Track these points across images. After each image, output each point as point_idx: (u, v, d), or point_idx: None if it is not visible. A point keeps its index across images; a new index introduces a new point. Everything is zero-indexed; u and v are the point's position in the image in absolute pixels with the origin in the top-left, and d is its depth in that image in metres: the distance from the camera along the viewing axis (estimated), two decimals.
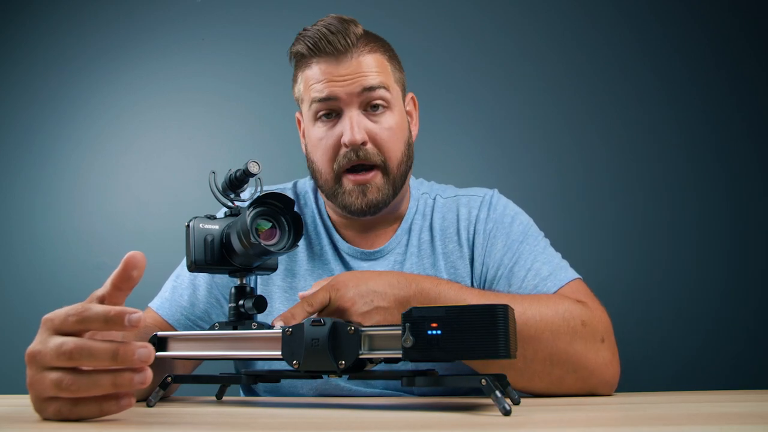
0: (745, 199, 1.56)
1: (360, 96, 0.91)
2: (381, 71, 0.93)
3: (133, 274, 0.57)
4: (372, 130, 0.92)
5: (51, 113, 1.89)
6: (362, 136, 0.90)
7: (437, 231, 1.00)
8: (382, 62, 0.94)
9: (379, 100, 0.92)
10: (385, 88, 0.93)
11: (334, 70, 0.91)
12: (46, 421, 0.55)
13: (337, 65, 0.91)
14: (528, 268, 0.90)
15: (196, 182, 1.70)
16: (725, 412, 0.57)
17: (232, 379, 0.77)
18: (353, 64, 0.91)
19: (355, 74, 0.91)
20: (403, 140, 0.96)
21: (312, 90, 0.93)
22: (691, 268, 1.54)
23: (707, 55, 1.63)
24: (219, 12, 1.87)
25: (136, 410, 0.66)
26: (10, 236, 1.83)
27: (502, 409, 0.54)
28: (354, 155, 0.91)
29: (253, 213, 0.69)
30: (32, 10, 1.95)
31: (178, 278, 0.98)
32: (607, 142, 1.63)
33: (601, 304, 0.86)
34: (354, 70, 0.91)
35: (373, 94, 0.91)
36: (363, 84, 0.91)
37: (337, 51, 0.91)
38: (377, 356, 0.60)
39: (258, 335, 0.68)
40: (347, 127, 0.90)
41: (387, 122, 0.93)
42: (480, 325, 0.54)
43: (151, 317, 0.94)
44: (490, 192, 1.03)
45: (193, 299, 0.95)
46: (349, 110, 0.91)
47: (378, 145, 0.93)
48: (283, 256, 0.99)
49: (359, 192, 0.93)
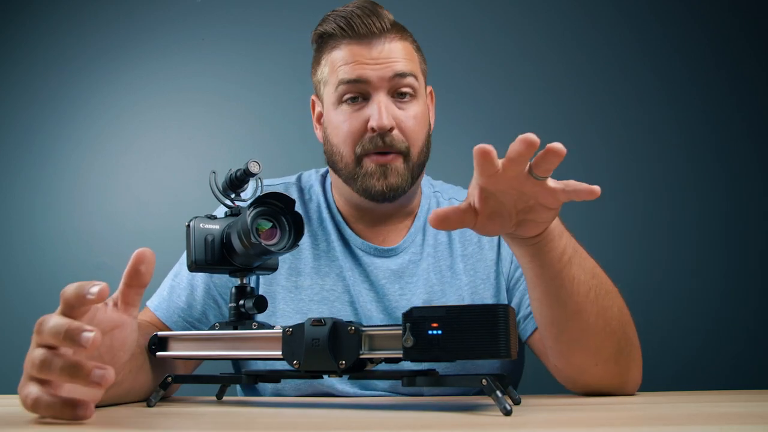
0: (745, 199, 1.56)
1: (390, 81, 0.90)
2: (410, 59, 0.93)
3: (141, 269, 0.58)
4: (399, 116, 0.91)
5: (51, 113, 1.89)
6: (390, 121, 0.89)
7: (456, 233, 0.98)
8: (411, 51, 0.94)
9: (408, 88, 0.91)
10: (413, 76, 0.92)
11: (366, 53, 0.90)
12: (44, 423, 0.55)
13: (369, 48, 0.90)
14: None
15: (196, 182, 1.70)
16: (725, 412, 0.57)
17: (232, 379, 0.77)
18: (385, 48, 0.90)
19: (386, 59, 0.90)
20: (425, 130, 0.96)
21: (340, 72, 0.91)
22: (691, 268, 1.54)
23: (707, 55, 1.63)
24: (219, 12, 1.87)
25: (136, 410, 0.66)
26: (10, 236, 1.83)
27: (503, 409, 0.54)
28: (380, 141, 0.90)
29: (254, 213, 0.69)
30: (32, 10, 1.95)
31: (177, 277, 0.96)
32: (607, 142, 1.63)
33: None
34: (386, 55, 0.90)
35: (403, 81, 0.90)
36: (395, 69, 0.90)
37: (370, 34, 0.90)
38: (377, 356, 0.60)
39: (258, 335, 0.68)
40: (376, 112, 0.89)
41: (413, 110, 0.93)
42: (480, 325, 0.54)
43: (149, 317, 0.93)
44: None
45: (190, 300, 0.94)
46: (377, 95, 0.90)
47: (404, 132, 0.92)
48: (286, 255, 0.96)
49: (380, 173, 0.91)
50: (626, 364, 0.77)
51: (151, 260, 0.58)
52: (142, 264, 0.58)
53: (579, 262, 0.72)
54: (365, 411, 0.64)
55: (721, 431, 0.44)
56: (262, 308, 0.73)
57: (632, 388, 0.80)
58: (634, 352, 0.78)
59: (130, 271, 0.58)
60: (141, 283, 0.59)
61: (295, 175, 1.08)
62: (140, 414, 0.63)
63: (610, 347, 0.75)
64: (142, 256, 0.57)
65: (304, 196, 1.04)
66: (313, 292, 0.95)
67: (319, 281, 0.96)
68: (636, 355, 0.79)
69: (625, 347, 0.76)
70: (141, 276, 0.58)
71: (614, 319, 0.74)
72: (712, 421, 0.50)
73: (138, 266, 0.58)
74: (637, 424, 0.51)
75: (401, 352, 0.57)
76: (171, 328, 0.92)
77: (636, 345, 0.79)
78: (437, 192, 1.05)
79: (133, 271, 0.58)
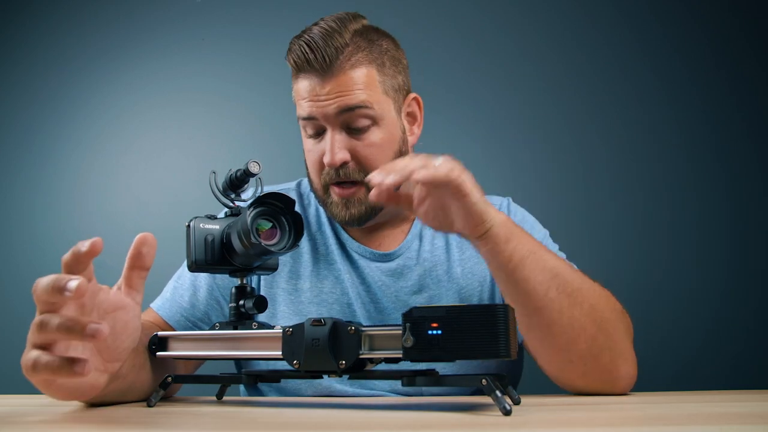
0: (745, 199, 1.56)
1: (339, 116, 0.89)
2: (365, 86, 0.89)
3: (143, 250, 0.61)
4: (354, 148, 0.90)
5: (51, 113, 1.89)
6: (342, 156, 0.89)
7: (453, 238, 0.99)
8: (368, 76, 0.90)
9: (362, 119, 0.89)
10: (366, 106, 0.89)
11: (317, 88, 0.89)
12: (44, 422, 0.55)
13: (321, 82, 0.89)
14: None
15: (196, 182, 1.70)
16: (725, 412, 0.57)
17: (233, 379, 0.77)
18: (334, 82, 0.88)
19: (335, 94, 0.88)
20: (392, 152, 0.94)
21: (298, 106, 0.93)
22: (691, 268, 1.54)
23: (707, 55, 1.63)
24: (219, 12, 1.87)
25: (136, 410, 0.66)
26: (10, 236, 1.83)
27: (503, 408, 0.54)
28: (335, 174, 0.91)
29: (254, 213, 0.69)
30: (32, 10, 1.95)
31: (180, 279, 0.98)
32: (607, 142, 1.63)
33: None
34: (334, 89, 0.88)
35: (352, 114, 0.89)
36: (341, 105, 0.88)
37: (317, 68, 0.88)
38: (377, 356, 0.60)
39: (258, 335, 0.68)
40: (327, 149, 0.90)
41: (371, 139, 0.91)
42: (480, 325, 0.54)
43: (152, 317, 0.94)
44: (505, 199, 1.03)
45: (193, 300, 0.95)
46: (330, 130, 0.90)
47: (360, 162, 0.91)
48: (287, 258, 0.99)
49: (343, 205, 0.93)
50: (610, 361, 0.76)
51: (153, 244, 0.62)
52: (144, 246, 0.61)
53: (532, 264, 0.74)
54: (365, 411, 0.64)
55: (721, 431, 0.44)
56: (262, 308, 0.73)
57: (623, 387, 0.79)
58: (619, 350, 0.77)
59: (134, 252, 0.61)
60: (143, 265, 0.62)
61: (294, 181, 1.10)
62: (140, 414, 0.63)
63: (581, 344, 0.75)
64: (144, 239, 0.61)
65: (303, 201, 1.05)
66: (312, 294, 0.96)
67: (318, 284, 0.97)
68: (624, 353, 0.77)
69: (604, 345, 0.76)
70: (143, 258, 0.62)
71: (584, 316, 0.74)
72: (712, 421, 0.50)
73: (140, 248, 0.61)
74: (637, 424, 0.51)
75: (401, 352, 0.57)
76: (174, 328, 0.93)
77: (622, 343, 0.78)
78: None
79: (136, 252, 0.61)
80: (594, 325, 0.75)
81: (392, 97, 0.94)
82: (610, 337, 0.76)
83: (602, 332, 0.76)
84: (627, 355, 0.78)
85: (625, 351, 0.78)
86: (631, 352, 0.79)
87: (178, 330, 0.93)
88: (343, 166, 0.90)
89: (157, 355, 0.73)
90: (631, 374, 0.79)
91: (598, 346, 0.76)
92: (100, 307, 0.60)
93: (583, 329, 0.75)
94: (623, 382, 0.79)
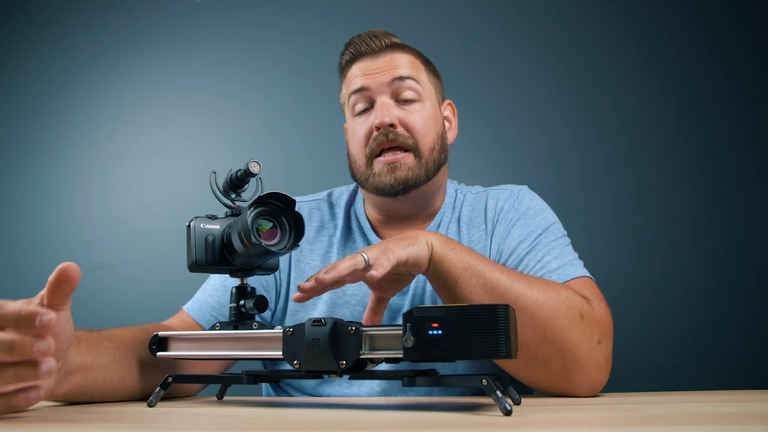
0: (742, 200, 1.56)
1: (390, 85, 0.97)
2: (413, 67, 1.00)
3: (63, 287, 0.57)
4: (402, 116, 0.97)
5: (51, 113, 1.89)
6: (391, 118, 0.96)
7: (464, 222, 1.02)
8: (414, 61, 1.01)
9: (409, 91, 0.98)
10: (414, 80, 0.98)
11: (371, 65, 0.99)
12: (44, 422, 0.55)
13: (374, 61, 0.99)
14: (539, 259, 0.90)
15: (196, 182, 1.70)
16: (725, 412, 0.57)
17: (233, 379, 0.77)
18: (387, 59, 0.99)
19: (387, 67, 0.98)
20: (435, 131, 1.00)
21: (350, 86, 1.01)
22: (688, 268, 1.54)
23: (707, 55, 1.63)
24: (219, 12, 1.87)
25: (136, 410, 0.66)
26: (10, 236, 1.83)
27: (503, 409, 0.54)
28: (384, 137, 0.96)
29: (254, 213, 0.69)
30: (32, 11, 1.95)
31: (210, 281, 1.01)
32: (607, 142, 1.63)
33: (606, 307, 0.84)
34: (386, 64, 0.98)
35: (402, 84, 0.97)
36: (393, 74, 0.97)
37: (373, 51, 1.00)
38: (378, 356, 0.60)
39: (258, 335, 0.68)
40: (377, 112, 0.96)
41: (417, 110, 0.98)
42: (481, 325, 0.54)
43: (181, 319, 0.97)
44: (520, 187, 1.05)
45: (221, 300, 0.98)
46: (380, 98, 0.97)
47: (408, 129, 0.97)
48: (317, 264, 1.02)
49: (389, 170, 0.96)
50: (561, 368, 0.77)
51: (75, 280, 0.57)
52: (64, 284, 0.57)
53: (467, 281, 0.78)
54: (365, 411, 0.64)
55: (721, 431, 0.44)
56: (263, 308, 0.73)
57: (585, 392, 0.79)
58: (572, 357, 0.77)
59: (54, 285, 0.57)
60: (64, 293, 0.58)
61: (325, 192, 1.14)
62: (140, 414, 0.63)
63: (525, 353, 0.77)
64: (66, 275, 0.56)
65: (334, 209, 1.09)
66: (336, 296, 0.99)
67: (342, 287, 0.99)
68: (579, 359, 0.77)
69: (551, 353, 0.77)
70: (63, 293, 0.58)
71: (524, 327, 0.76)
72: (712, 421, 0.50)
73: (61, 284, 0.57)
74: (637, 424, 0.51)
75: (401, 352, 0.57)
76: (202, 325, 0.96)
77: (576, 350, 0.77)
78: (458, 190, 1.09)
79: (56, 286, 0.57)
80: (536, 334, 0.77)
81: (434, 88, 1.04)
82: (557, 345, 0.77)
83: (547, 341, 0.77)
84: (582, 361, 0.77)
85: (579, 357, 0.77)
86: (590, 358, 0.78)
87: (207, 328, 0.95)
88: (391, 130, 0.96)
89: (157, 355, 0.73)
90: (591, 380, 0.78)
91: (545, 354, 0.77)
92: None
93: (524, 339, 0.77)
94: (582, 389, 0.79)
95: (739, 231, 1.55)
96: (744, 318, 1.50)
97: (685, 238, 1.56)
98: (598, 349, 0.79)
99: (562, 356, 0.77)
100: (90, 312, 1.27)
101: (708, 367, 1.48)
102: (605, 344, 0.80)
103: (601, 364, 0.79)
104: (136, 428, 0.53)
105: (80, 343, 0.71)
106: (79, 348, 0.70)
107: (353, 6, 1.76)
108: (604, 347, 0.80)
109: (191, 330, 0.93)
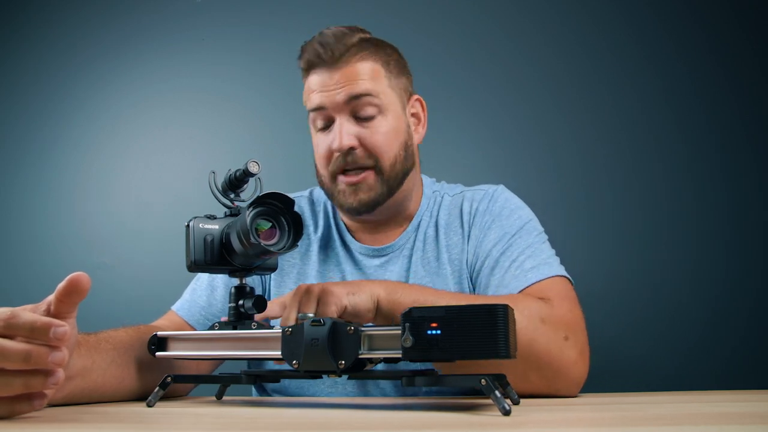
0: (742, 199, 1.56)
1: (348, 104, 0.94)
2: (371, 78, 0.95)
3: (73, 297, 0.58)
4: (361, 134, 0.94)
5: (51, 113, 1.89)
6: (350, 141, 0.93)
7: (442, 226, 1.02)
8: (373, 69, 0.95)
9: (368, 107, 0.94)
10: (372, 94, 0.94)
11: (327, 80, 0.94)
12: (44, 422, 0.55)
13: (329, 75, 0.94)
14: (513, 259, 0.91)
15: (196, 182, 1.70)
16: (725, 412, 0.57)
17: (232, 379, 0.77)
18: (342, 73, 0.93)
19: (342, 83, 0.93)
20: (398, 142, 0.97)
21: (308, 100, 0.97)
22: (688, 269, 1.54)
23: (707, 55, 1.63)
24: (219, 12, 1.87)
25: (136, 410, 0.66)
26: (10, 236, 1.83)
27: (502, 409, 0.54)
28: (343, 160, 0.94)
29: (253, 213, 0.69)
30: (32, 11, 1.95)
31: (198, 280, 1.02)
32: (607, 142, 1.63)
33: (570, 303, 0.85)
34: (341, 79, 0.93)
35: (359, 102, 0.93)
36: (348, 92, 0.93)
37: (328, 62, 0.94)
38: (377, 356, 0.60)
39: (258, 335, 0.68)
40: (335, 134, 0.94)
41: (378, 127, 0.95)
42: (480, 325, 0.54)
43: (170, 320, 0.97)
44: (494, 187, 1.05)
45: (211, 299, 0.98)
46: (338, 118, 0.94)
47: (368, 148, 0.95)
48: (296, 261, 1.03)
49: (351, 191, 0.95)
50: (542, 378, 0.78)
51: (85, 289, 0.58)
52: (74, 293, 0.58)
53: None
54: (365, 411, 0.64)
55: (721, 431, 0.44)
56: (262, 308, 0.73)
57: (568, 391, 0.81)
58: (546, 365, 0.78)
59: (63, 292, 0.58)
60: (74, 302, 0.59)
61: (308, 190, 1.13)
62: (140, 414, 0.63)
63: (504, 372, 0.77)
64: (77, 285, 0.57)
65: (315, 208, 1.09)
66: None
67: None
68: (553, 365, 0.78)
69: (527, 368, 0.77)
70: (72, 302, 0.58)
71: None
72: (712, 421, 0.50)
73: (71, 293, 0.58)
74: (636, 424, 0.51)
75: (400, 352, 0.57)
76: (192, 325, 0.96)
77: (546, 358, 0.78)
78: (436, 192, 1.07)
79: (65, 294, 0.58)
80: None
81: (397, 93, 0.99)
82: (528, 359, 0.77)
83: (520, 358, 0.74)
84: (557, 366, 0.79)
85: (552, 363, 0.79)
86: (562, 359, 0.79)
87: (197, 328, 0.96)
88: (350, 153, 0.94)
89: (156, 355, 0.73)
90: (570, 380, 0.80)
91: (522, 371, 0.77)
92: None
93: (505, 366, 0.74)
94: (564, 391, 0.80)
95: (739, 231, 1.55)
96: (744, 318, 1.50)
97: (685, 238, 1.56)
98: (567, 346, 0.80)
99: (537, 369, 0.78)
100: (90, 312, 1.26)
101: (708, 367, 1.48)
102: (573, 339, 0.81)
103: (574, 358, 0.80)
104: (136, 428, 0.53)
105: (80, 346, 0.71)
106: (79, 352, 0.70)
107: (353, 6, 1.76)
108: (572, 342, 0.80)
109: (181, 330, 0.93)
